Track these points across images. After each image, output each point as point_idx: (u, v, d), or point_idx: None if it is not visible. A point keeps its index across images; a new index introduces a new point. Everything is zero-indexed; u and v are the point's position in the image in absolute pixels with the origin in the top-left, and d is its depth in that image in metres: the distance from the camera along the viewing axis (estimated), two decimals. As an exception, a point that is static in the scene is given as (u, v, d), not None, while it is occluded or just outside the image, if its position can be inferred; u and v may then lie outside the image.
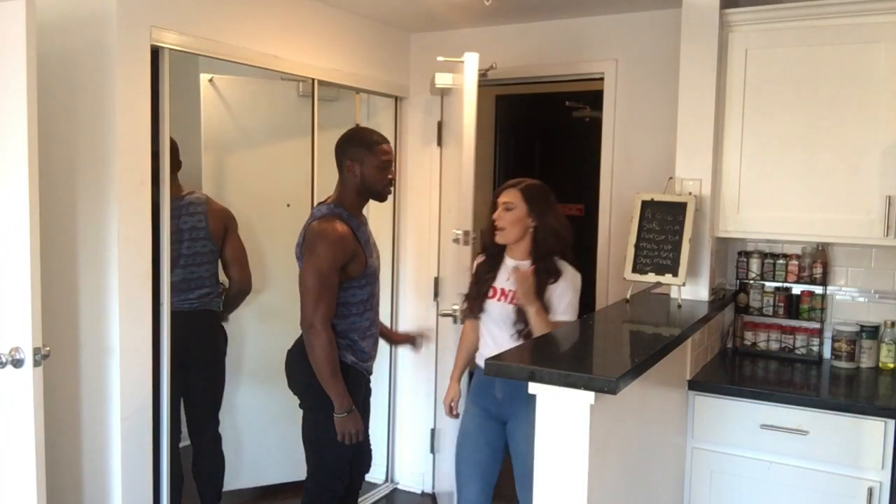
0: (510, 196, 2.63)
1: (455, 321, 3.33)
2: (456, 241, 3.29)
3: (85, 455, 2.68)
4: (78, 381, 2.66)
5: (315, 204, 3.35)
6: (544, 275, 2.59)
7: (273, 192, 3.74)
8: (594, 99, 4.25)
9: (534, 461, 2.34)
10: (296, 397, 2.71)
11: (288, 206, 3.46)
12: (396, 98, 3.98)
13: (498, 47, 3.75)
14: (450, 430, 3.35)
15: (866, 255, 3.03)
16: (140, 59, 2.57)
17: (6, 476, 2.37)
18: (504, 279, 2.67)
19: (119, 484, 2.61)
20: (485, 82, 3.48)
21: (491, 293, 2.69)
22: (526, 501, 2.58)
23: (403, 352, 3.91)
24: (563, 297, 2.60)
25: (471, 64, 3.17)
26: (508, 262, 2.70)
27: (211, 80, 3.64)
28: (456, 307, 3.27)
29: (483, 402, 2.71)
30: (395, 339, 3.26)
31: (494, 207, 2.67)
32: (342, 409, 2.56)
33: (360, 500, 3.20)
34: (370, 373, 2.80)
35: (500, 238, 2.65)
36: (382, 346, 2.98)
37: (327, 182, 3.59)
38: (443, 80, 3.50)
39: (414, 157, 4.02)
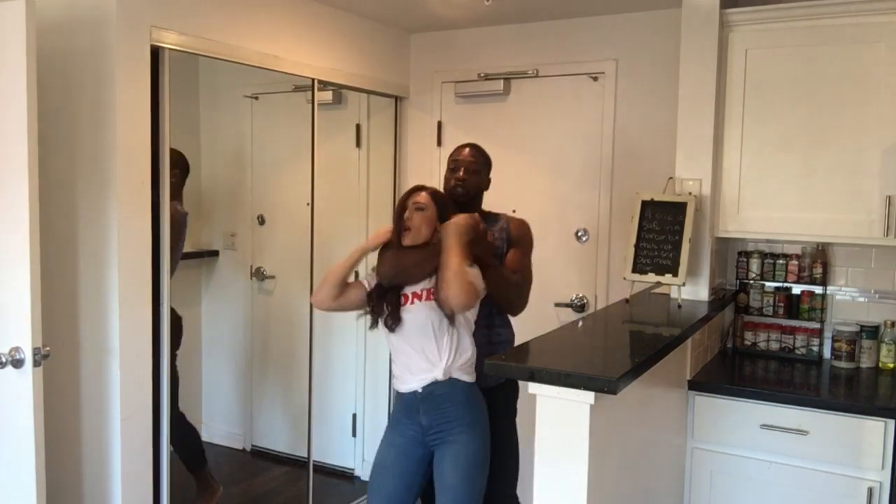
0: (422, 198, 2.50)
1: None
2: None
3: (85, 455, 2.68)
4: (78, 381, 2.66)
5: (312, 199, 3.46)
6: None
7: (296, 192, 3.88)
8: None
9: (463, 497, 2.33)
10: None
11: (308, 204, 3.50)
12: (396, 98, 3.99)
13: (498, 47, 3.76)
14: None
15: (866, 255, 3.03)
16: (140, 59, 2.57)
17: (6, 476, 2.37)
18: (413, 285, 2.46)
19: (119, 484, 2.60)
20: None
21: (403, 300, 2.43)
22: None
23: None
24: None
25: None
26: None
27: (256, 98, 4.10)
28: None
29: (406, 430, 2.46)
30: None
31: (403, 209, 2.49)
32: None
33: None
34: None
35: (408, 239, 2.44)
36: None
37: (328, 181, 3.62)
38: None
39: (414, 156, 4.03)
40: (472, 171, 2.68)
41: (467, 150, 2.73)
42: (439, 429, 2.40)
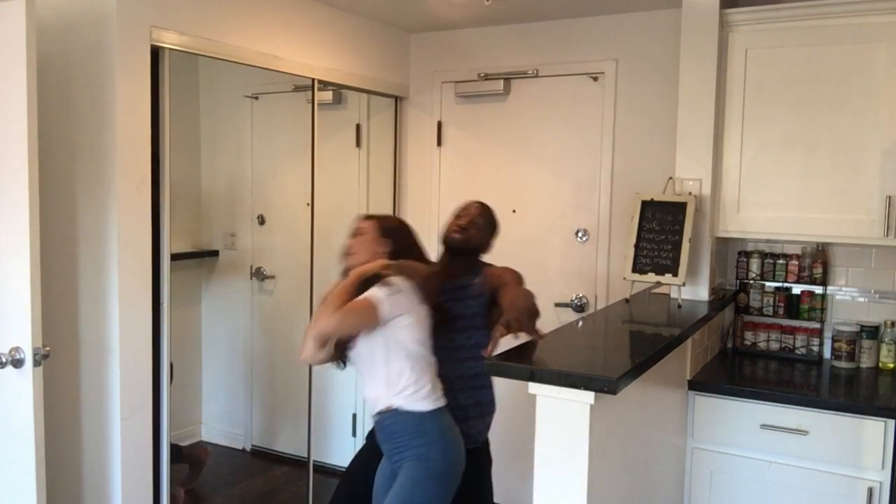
0: (361, 223, 2.53)
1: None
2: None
3: (85, 455, 2.68)
4: (78, 381, 2.66)
5: (312, 199, 3.48)
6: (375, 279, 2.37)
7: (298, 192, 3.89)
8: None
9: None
10: None
11: (308, 204, 3.52)
12: (396, 98, 3.99)
13: (498, 47, 3.76)
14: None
15: (866, 255, 3.03)
16: (140, 59, 2.57)
17: (6, 476, 2.37)
18: None
19: (119, 484, 2.61)
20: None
21: None
22: None
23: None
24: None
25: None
26: None
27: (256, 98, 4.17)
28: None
29: (384, 456, 2.48)
30: None
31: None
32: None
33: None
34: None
35: (349, 261, 2.45)
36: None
37: (327, 180, 3.62)
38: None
39: (414, 157, 4.03)
40: (476, 224, 2.62)
41: (474, 206, 2.68)
42: (396, 458, 2.37)
